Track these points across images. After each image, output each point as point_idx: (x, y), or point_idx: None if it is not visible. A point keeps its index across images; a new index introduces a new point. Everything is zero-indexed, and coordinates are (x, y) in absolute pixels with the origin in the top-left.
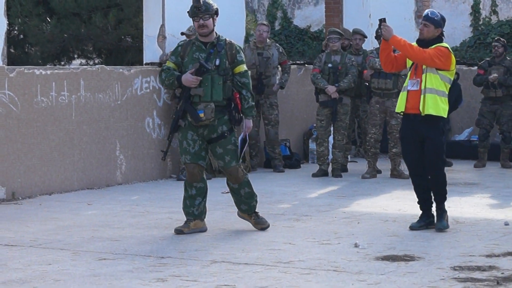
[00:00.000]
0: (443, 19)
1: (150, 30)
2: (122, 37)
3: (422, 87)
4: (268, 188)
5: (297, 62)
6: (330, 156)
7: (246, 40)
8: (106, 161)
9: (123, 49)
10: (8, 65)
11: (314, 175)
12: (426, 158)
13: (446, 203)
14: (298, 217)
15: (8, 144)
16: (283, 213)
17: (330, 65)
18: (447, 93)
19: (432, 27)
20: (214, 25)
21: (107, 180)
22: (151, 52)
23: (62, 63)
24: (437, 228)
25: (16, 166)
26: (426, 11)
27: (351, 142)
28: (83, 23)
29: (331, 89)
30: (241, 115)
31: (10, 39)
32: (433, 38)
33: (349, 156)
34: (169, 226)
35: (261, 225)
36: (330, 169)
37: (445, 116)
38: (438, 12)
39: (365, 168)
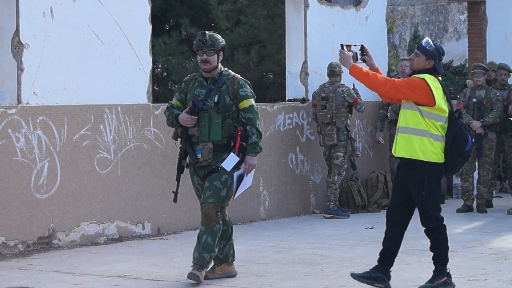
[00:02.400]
0: (438, 51)
1: (292, 66)
2: (264, 73)
3: (397, 126)
4: (412, 224)
5: None
6: (475, 192)
7: (388, 76)
8: (250, 197)
9: (265, 85)
10: (152, 102)
11: (458, 211)
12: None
13: None
14: None
15: (154, 180)
16: (429, 249)
17: (474, 100)
18: (436, 133)
19: (422, 58)
20: (219, 61)
21: (250, 216)
22: (294, 88)
23: None
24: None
25: (162, 202)
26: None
27: (496, 177)
28: (226, 60)
29: (476, 125)
30: (238, 154)
31: (154, 77)
32: (423, 71)
33: (494, 192)
34: (314, 261)
35: (191, 275)
36: (475, 204)
37: (432, 160)
38: (437, 43)
39: (510, 204)
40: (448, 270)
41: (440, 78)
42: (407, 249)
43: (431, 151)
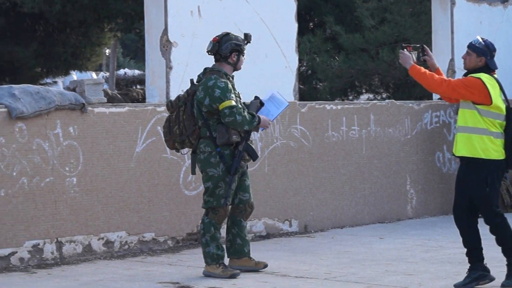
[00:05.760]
0: (488, 47)
1: (439, 64)
2: None
3: (456, 125)
4: None
5: None
6: None
7: None
8: (397, 195)
9: (411, 83)
10: (298, 100)
11: None
12: (479, 209)
13: None
14: None
15: (301, 178)
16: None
17: None
18: (496, 131)
19: (473, 56)
20: None
21: (398, 214)
22: None
23: (350, 97)
24: (501, 285)
25: (308, 199)
26: None
27: None
28: (371, 58)
29: None
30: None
31: (299, 75)
32: (476, 69)
33: None
34: (463, 261)
35: (262, 263)
36: None
37: (494, 157)
38: (486, 40)
39: None
40: None
41: (495, 75)
42: None
43: (491, 148)
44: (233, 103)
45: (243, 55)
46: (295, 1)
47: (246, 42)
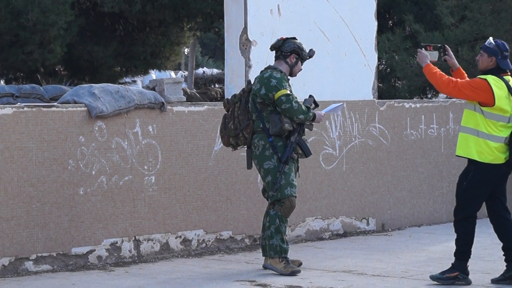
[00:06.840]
0: (499, 47)
1: None
2: None
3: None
4: None
5: None
6: None
7: None
8: None
9: None
10: (377, 98)
11: None
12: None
13: None
14: None
15: (379, 176)
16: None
17: None
18: (495, 134)
19: (485, 56)
20: None
21: None
22: None
23: (429, 96)
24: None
25: (386, 198)
26: None
27: None
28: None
29: None
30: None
31: (378, 73)
32: (488, 70)
33: None
34: None
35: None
36: None
37: (488, 161)
38: (498, 40)
39: None
40: (467, 266)
41: (507, 77)
42: None
43: (486, 152)
44: (289, 92)
45: (301, 62)
46: None
47: (308, 56)
